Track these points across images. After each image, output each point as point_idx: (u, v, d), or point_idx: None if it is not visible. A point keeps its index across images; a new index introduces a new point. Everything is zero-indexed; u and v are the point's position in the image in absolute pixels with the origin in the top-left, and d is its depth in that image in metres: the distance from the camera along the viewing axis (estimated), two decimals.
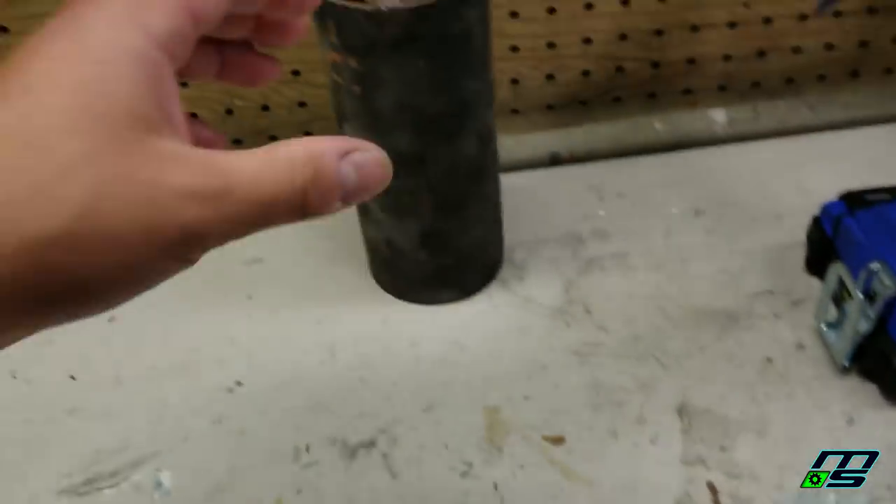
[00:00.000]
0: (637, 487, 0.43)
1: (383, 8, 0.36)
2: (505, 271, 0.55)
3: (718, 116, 0.65)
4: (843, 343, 0.47)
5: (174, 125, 0.21)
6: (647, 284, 0.54)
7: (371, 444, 0.46)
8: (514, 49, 0.61)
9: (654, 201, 0.60)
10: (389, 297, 0.54)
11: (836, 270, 0.47)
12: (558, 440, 0.46)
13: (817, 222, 0.52)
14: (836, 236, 0.49)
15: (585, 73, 0.63)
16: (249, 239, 0.22)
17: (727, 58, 0.64)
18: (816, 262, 0.53)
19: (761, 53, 0.64)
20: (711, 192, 0.60)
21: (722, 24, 0.62)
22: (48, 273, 0.19)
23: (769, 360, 0.49)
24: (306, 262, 0.57)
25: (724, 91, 0.66)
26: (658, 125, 0.65)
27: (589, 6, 0.59)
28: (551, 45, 0.61)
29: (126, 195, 0.19)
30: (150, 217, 0.19)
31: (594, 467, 0.44)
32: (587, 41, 0.61)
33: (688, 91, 0.66)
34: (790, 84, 0.66)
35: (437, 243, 0.50)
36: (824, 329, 0.49)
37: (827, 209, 0.51)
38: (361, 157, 0.23)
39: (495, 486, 0.44)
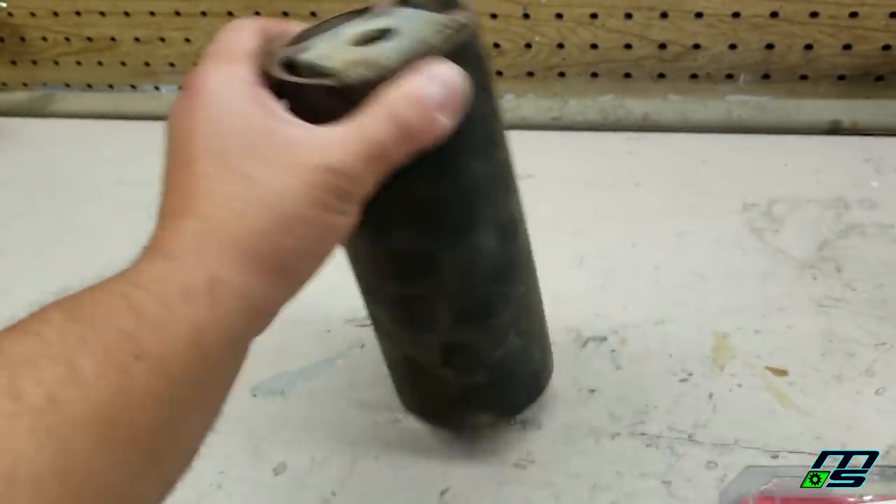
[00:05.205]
0: (851, 427, 0.45)
1: (351, 81, 0.28)
2: (760, 221, 0.58)
3: None
4: None
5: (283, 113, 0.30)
6: None
7: (602, 339, 0.52)
8: (814, 14, 0.62)
9: None
10: None
11: None
12: (781, 372, 0.48)
13: None
14: None
15: (886, 48, 0.62)
16: None
17: None
18: None
19: None
20: None
21: None
22: (281, 252, 0.28)
23: None
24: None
25: None
26: None
27: None
28: (853, 15, 0.61)
29: (303, 171, 0.28)
30: (314, 178, 0.28)
31: (811, 402, 0.46)
32: (894, 15, 0.61)
33: None
34: None
35: (460, 359, 0.42)
36: None
37: None
38: (437, 70, 0.29)
39: (710, 395, 0.48)
